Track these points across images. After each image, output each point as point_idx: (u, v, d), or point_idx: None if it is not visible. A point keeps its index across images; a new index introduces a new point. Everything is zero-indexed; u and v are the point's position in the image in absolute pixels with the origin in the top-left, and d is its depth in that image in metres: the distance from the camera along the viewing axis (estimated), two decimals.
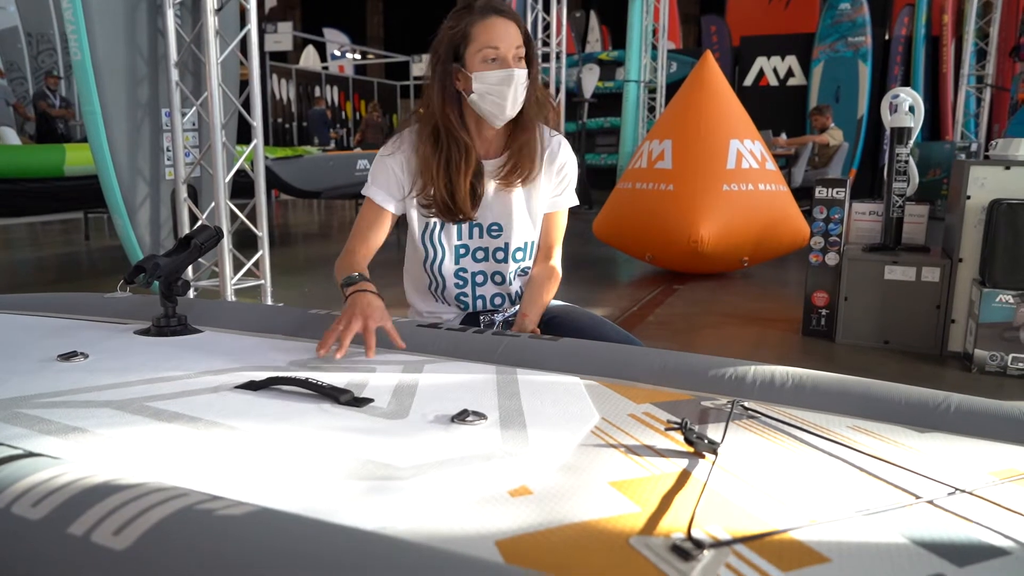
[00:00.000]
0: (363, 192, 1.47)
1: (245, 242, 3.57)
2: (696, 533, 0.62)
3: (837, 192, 2.89)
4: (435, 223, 1.46)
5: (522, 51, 1.33)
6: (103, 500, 0.57)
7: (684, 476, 0.77)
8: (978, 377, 2.49)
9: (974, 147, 8.47)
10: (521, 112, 1.37)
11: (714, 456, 0.80)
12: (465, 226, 1.46)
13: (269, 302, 3.48)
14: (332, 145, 11.20)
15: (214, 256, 3.25)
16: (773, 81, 11.33)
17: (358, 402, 0.98)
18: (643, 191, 4.13)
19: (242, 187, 3.61)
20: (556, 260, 1.55)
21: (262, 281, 3.46)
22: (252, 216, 3.44)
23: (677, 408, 1.00)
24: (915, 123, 2.81)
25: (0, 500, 0.59)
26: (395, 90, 15.20)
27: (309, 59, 14.46)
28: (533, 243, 1.51)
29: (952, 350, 2.69)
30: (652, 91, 9.54)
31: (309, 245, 6.30)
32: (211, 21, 3.01)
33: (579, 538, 0.63)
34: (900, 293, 2.75)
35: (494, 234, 1.46)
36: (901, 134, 2.80)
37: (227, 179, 3.22)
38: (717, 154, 3.95)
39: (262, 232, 3.39)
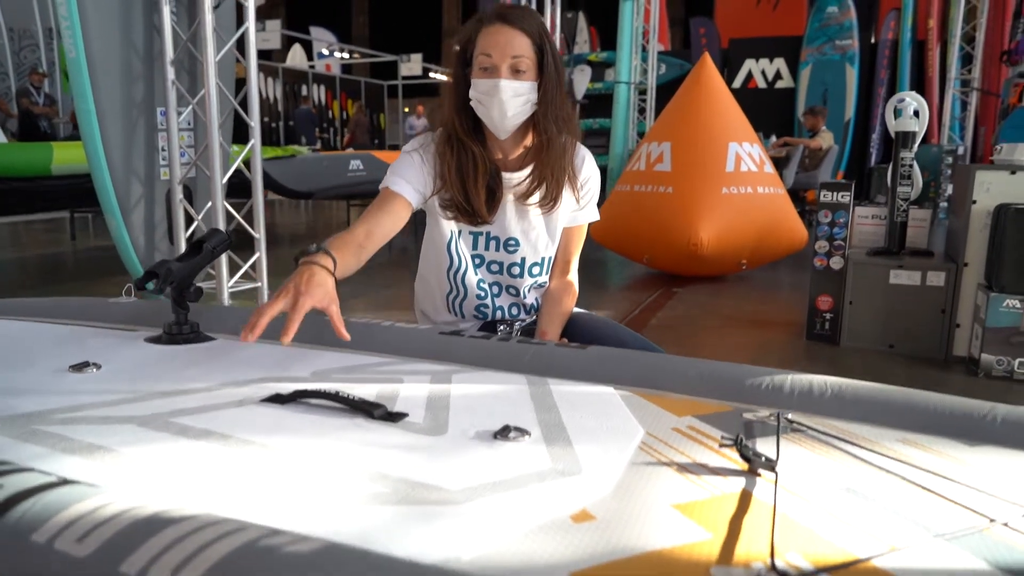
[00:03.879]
0: (382, 185, 1.40)
1: (239, 243, 3.50)
2: (778, 563, 0.60)
3: (842, 196, 2.89)
4: (457, 231, 1.42)
5: (523, 62, 1.26)
6: (156, 535, 0.53)
7: (747, 497, 0.73)
8: (984, 382, 2.49)
9: (960, 150, 8.55)
10: (540, 127, 1.32)
11: (774, 475, 0.77)
12: (481, 238, 1.42)
13: None
14: (319, 145, 11.11)
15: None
16: (762, 83, 11.39)
17: (392, 417, 0.94)
18: (642, 193, 4.12)
19: (235, 187, 3.54)
20: (573, 274, 1.51)
21: (259, 284, 3.40)
22: (248, 217, 3.38)
23: (720, 421, 0.97)
24: (920, 127, 2.81)
25: (41, 534, 0.55)
26: (382, 89, 15.12)
27: (296, 58, 14.35)
28: (550, 259, 1.47)
29: (957, 354, 2.70)
30: (642, 92, 9.55)
31: (299, 246, 6.22)
32: (208, 19, 2.95)
33: (657, 569, 0.59)
34: (905, 297, 2.75)
35: (511, 248, 1.42)
36: (906, 138, 2.80)
37: (224, 180, 3.17)
38: (716, 157, 3.94)
39: (259, 234, 3.33)
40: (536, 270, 1.47)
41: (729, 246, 3.88)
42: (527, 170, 1.38)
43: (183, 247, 3.21)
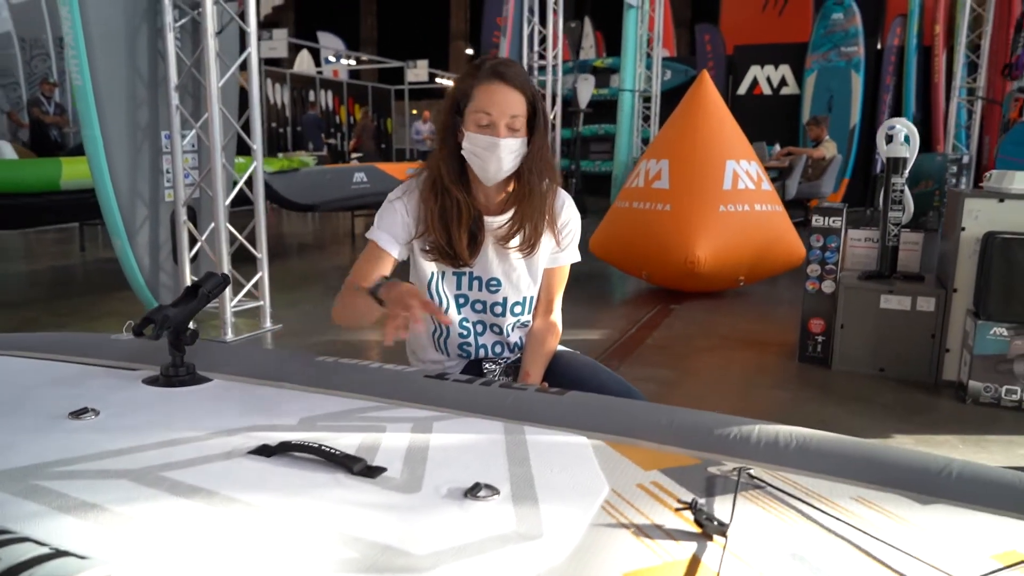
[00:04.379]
0: (368, 236, 1.47)
1: (244, 256, 3.56)
2: None
3: (834, 221, 2.92)
4: (438, 272, 1.47)
5: (519, 121, 1.33)
6: None
7: (695, 563, 0.78)
8: (972, 408, 2.52)
9: (965, 159, 8.51)
10: (524, 178, 1.39)
11: (724, 539, 0.82)
12: (465, 278, 1.47)
13: (268, 324, 3.48)
14: (325, 151, 11.18)
15: None
16: (767, 90, 11.40)
17: (371, 472, 0.99)
18: (640, 210, 4.16)
19: (241, 197, 3.59)
20: (556, 315, 1.56)
21: (261, 303, 3.46)
22: (251, 235, 3.45)
23: (685, 475, 1.01)
24: (911, 153, 2.84)
25: None
26: (389, 94, 15.21)
27: (303, 63, 14.45)
28: (532, 298, 1.52)
29: (947, 379, 2.73)
30: (647, 99, 9.58)
31: (304, 258, 6.29)
32: (211, 44, 3.02)
33: None
34: (895, 322, 2.78)
35: (492, 288, 1.48)
36: (897, 164, 2.83)
37: (227, 202, 3.23)
38: (713, 175, 3.98)
39: (261, 254, 3.40)
40: (518, 309, 1.52)
41: (726, 263, 3.92)
42: (508, 214, 1.44)
43: (187, 268, 3.28)
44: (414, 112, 15.21)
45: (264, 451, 1.04)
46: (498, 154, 1.32)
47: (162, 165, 3.25)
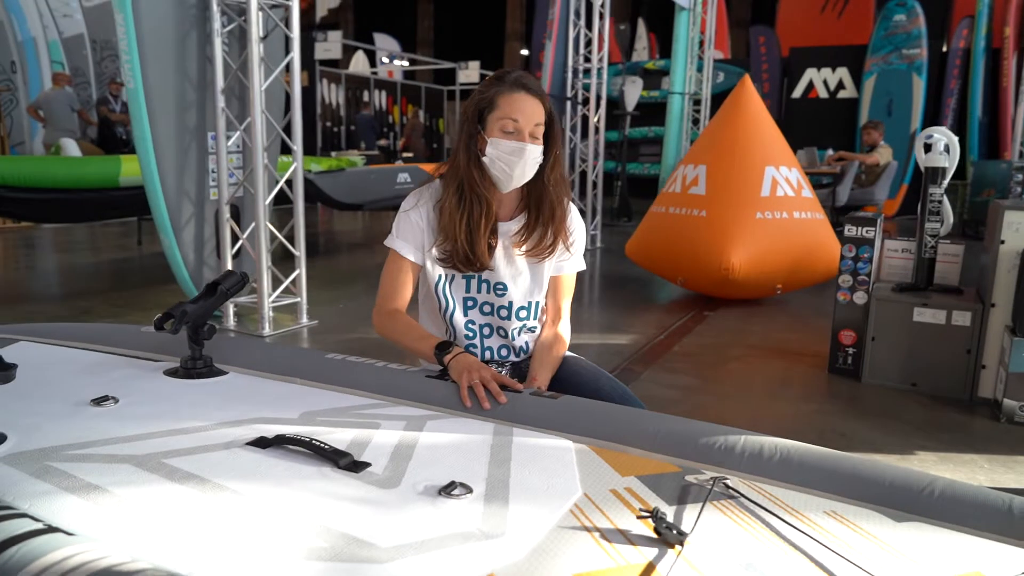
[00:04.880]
0: (387, 243, 1.54)
1: (282, 258, 3.68)
2: None
3: (867, 231, 2.86)
4: (446, 275, 1.52)
5: (541, 129, 1.40)
6: None
7: (649, 569, 0.81)
8: (1006, 427, 2.44)
9: None
10: (542, 186, 1.45)
11: (680, 547, 0.84)
12: (474, 281, 1.52)
13: (304, 320, 3.59)
14: (376, 151, 11.39)
15: (253, 273, 3.38)
16: (823, 93, 11.12)
17: (356, 466, 1.04)
18: (676, 216, 4.14)
19: (286, 196, 3.70)
20: (563, 325, 1.59)
21: (299, 299, 3.57)
22: (292, 233, 3.57)
23: (661, 483, 1.03)
24: (950, 163, 2.76)
25: None
26: (442, 95, 15.39)
27: (358, 64, 14.74)
28: (538, 303, 1.56)
29: (982, 396, 2.64)
30: (697, 102, 9.46)
31: (353, 254, 6.44)
32: (256, 50, 3.13)
33: None
34: (929, 336, 2.71)
35: (499, 292, 1.52)
36: (935, 174, 2.76)
37: (267, 201, 3.35)
38: (751, 181, 3.93)
39: (299, 252, 3.51)
40: (523, 313, 1.55)
41: (763, 271, 3.86)
42: (520, 220, 1.49)
43: (229, 263, 3.41)
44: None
45: (261, 443, 1.11)
46: (524, 158, 1.39)
47: (208, 165, 3.39)
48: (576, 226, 1.55)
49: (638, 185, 11.09)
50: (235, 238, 3.48)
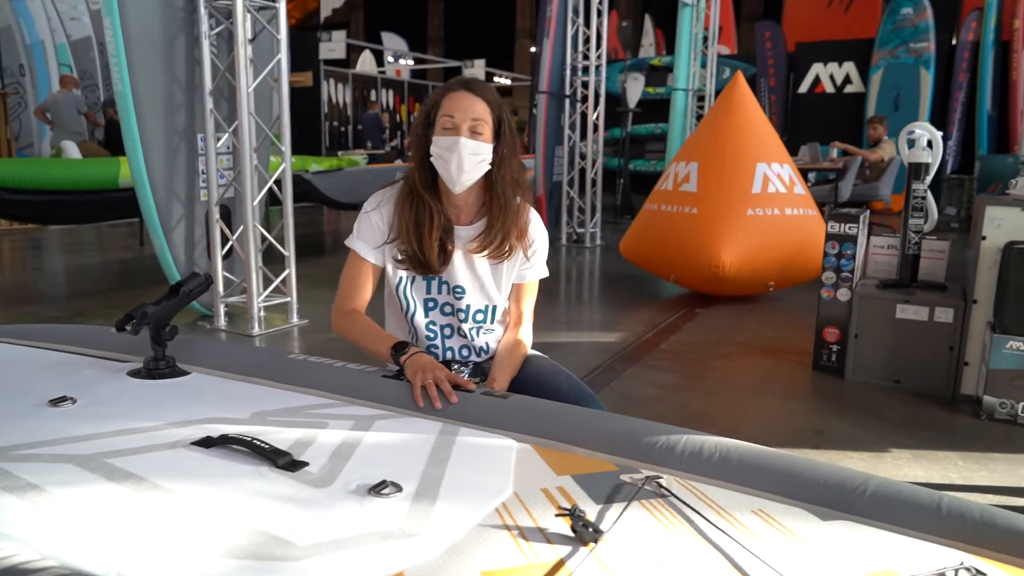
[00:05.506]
0: (347, 244, 1.56)
1: (273, 258, 3.69)
2: None
3: (850, 228, 2.85)
4: (407, 277, 1.54)
5: (482, 126, 1.40)
6: None
7: (557, 567, 0.82)
8: (986, 424, 2.42)
9: None
10: (496, 187, 1.46)
11: (594, 545, 0.85)
12: (434, 282, 1.54)
13: (295, 319, 3.62)
14: (388, 149, 11.40)
15: (240, 274, 3.41)
16: (829, 88, 11.04)
17: (294, 466, 1.06)
18: (668, 213, 4.13)
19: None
20: (524, 329, 1.60)
21: (288, 299, 3.60)
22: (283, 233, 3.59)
23: (594, 482, 1.04)
24: (933, 159, 2.74)
25: None
26: None
27: (366, 63, 14.78)
28: (495, 308, 1.58)
29: (965, 393, 2.62)
30: (701, 99, 9.42)
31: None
32: (242, 52, 3.16)
33: None
34: (912, 332, 2.69)
35: (457, 295, 1.54)
36: (918, 170, 2.74)
37: (256, 202, 3.38)
38: (742, 178, 3.92)
39: (289, 252, 3.54)
40: (480, 316, 1.57)
41: (754, 268, 3.85)
42: (479, 225, 1.51)
43: (219, 264, 3.45)
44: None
45: (206, 443, 1.13)
46: (459, 152, 1.39)
47: (198, 166, 3.42)
48: (537, 235, 1.56)
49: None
50: (224, 240, 3.51)
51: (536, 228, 1.56)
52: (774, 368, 3.05)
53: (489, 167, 1.44)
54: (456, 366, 1.62)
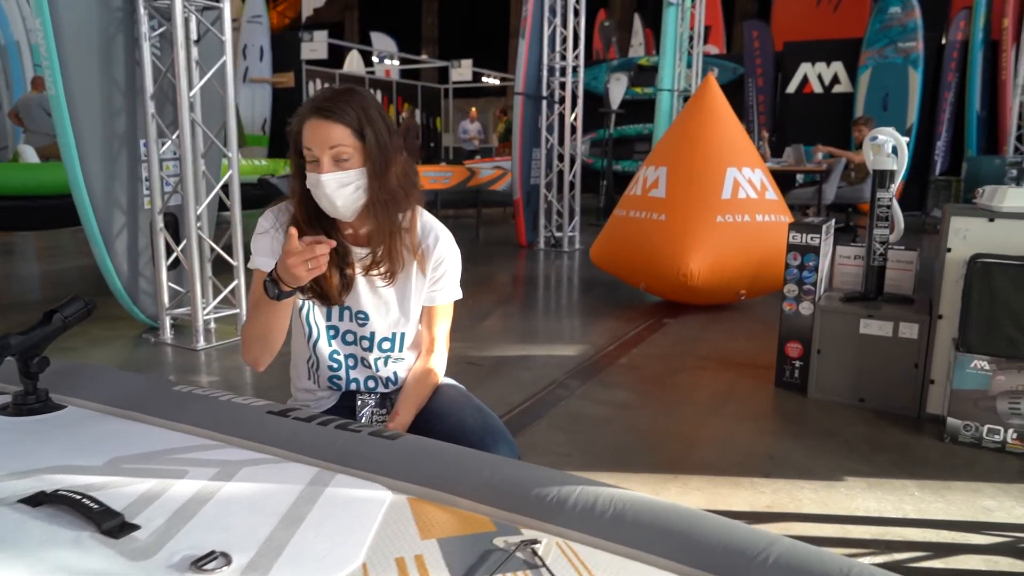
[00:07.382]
0: (250, 266, 1.43)
1: (222, 268, 3.55)
2: None
3: (811, 238, 2.73)
4: (309, 301, 1.42)
5: (344, 151, 1.24)
6: None
7: None
8: (949, 448, 2.30)
9: None
10: (370, 210, 1.30)
11: None
12: (335, 309, 1.41)
13: None
14: None
15: (188, 285, 3.27)
16: (818, 88, 10.97)
17: (121, 530, 0.93)
18: (636, 219, 4.01)
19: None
20: (436, 359, 1.47)
21: (237, 310, 3.47)
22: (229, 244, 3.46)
23: (460, 547, 0.92)
24: (898, 165, 2.62)
25: None
26: (439, 93, 15.29)
27: (353, 64, 14.64)
28: (403, 335, 1.45)
29: (931, 412, 2.49)
30: (687, 99, 9.31)
31: None
32: (182, 55, 3.03)
33: None
34: (877, 348, 2.57)
35: (360, 322, 1.42)
36: (883, 177, 2.62)
37: (200, 209, 3.24)
38: (711, 184, 3.80)
39: (237, 261, 3.40)
40: (386, 345, 1.45)
41: (723, 277, 3.73)
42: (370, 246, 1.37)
43: (163, 274, 3.32)
44: (474, 111, 15.17)
45: (35, 499, 1.00)
46: (325, 190, 1.25)
47: (141, 173, 3.29)
48: (444, 255, 1.42)
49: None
50: (169, 250, 3.37)
51: (444, 247, 1.41)
52: (735, 384, 2.93)
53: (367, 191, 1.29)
54: (362, 397, 1.50)
